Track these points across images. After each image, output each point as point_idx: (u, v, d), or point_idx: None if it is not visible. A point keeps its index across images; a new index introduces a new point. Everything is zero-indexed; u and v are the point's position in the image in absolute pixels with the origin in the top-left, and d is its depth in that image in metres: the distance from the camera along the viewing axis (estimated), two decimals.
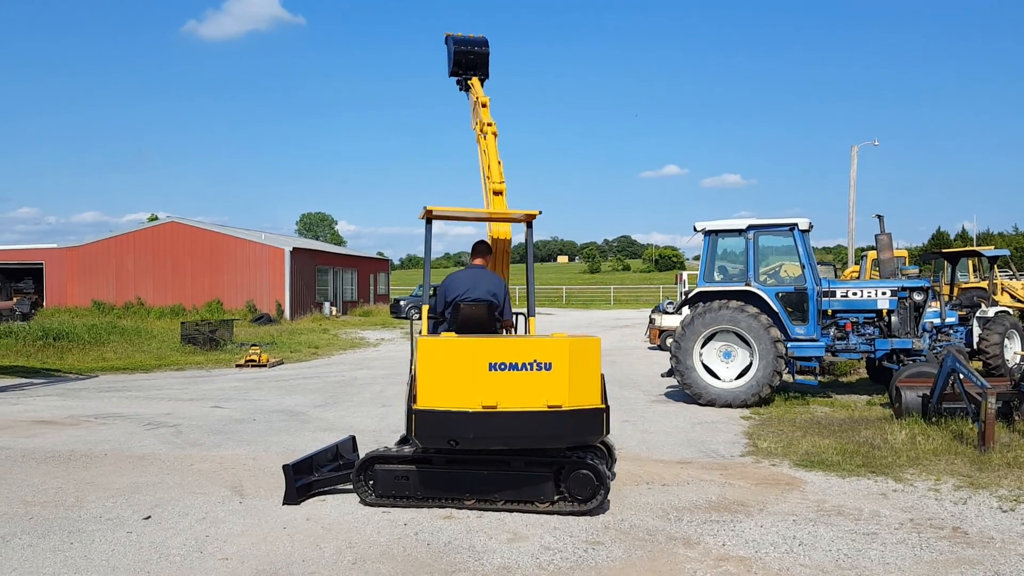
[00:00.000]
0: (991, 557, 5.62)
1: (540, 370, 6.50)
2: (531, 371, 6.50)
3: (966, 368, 9.46)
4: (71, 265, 38.44)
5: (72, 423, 11.39)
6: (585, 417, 6.55)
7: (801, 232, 12.88)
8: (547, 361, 6.51)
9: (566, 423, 6.50)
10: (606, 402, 6.69)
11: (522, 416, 6.48)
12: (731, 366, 12.74)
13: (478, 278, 7.45)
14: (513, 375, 6.50)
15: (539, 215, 7.64)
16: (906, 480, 7.74)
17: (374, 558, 5.72)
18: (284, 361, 20.73)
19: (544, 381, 6.48)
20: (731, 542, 6.00)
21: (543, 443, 6.67)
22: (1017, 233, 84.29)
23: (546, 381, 6.48)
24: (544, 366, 6.50)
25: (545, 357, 6.51)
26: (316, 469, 7.50)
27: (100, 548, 5.96)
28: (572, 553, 5.79)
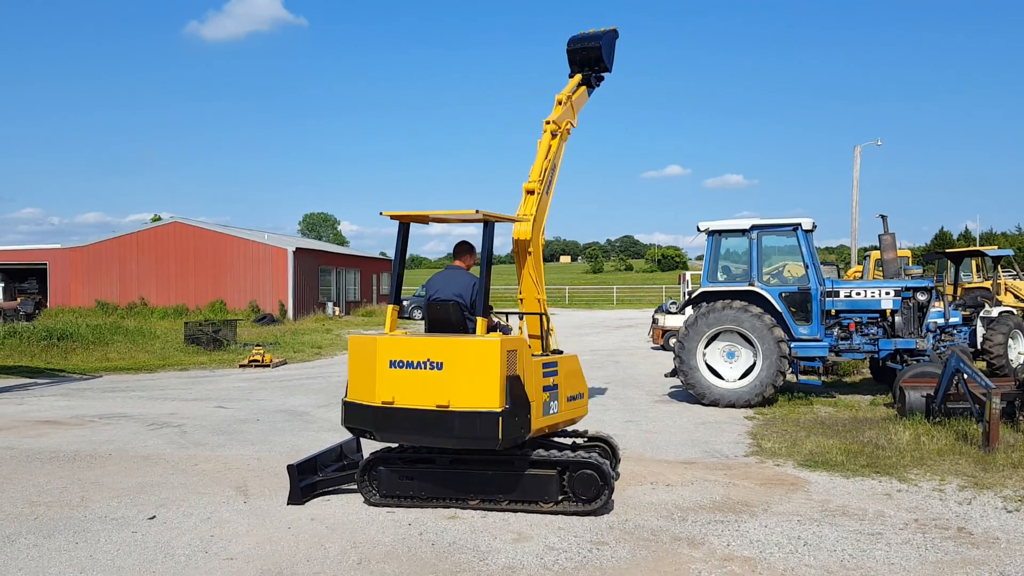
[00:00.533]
0: (996, 557, 5.61)
1: (432, 369, 6.53)
2: (424, 370, 6.56)
3: (970, 368, 9.45)
4: (75, 265, 38.51)
5: (77, 423, 11.41)
6: (474, 419, 6.35)
7: (804, 232, 12.87)
8: (439, 361, 6.53)
9: (453, 424, 6.42)
10: (512, 405, 6.35)
11: (415, 413, 6.55)
12: (735, 366, 12.73)
13: (449, 279, 7.42)
14: (409, 373, 6.60)
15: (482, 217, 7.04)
16: (911, 480, 7.73)
17: (379, 558, 5.72)
18: (287, 361, 20.74)
19: (435, 380, 6.50)
20: (736, 542, 5.99)
21: (435, 442, 6.73)
22: (1020, 233, 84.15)
23: (436, 380, 6.50)
24: (436, 365, 6.53)
25: (437, 356, 6.53)
26: (320, 469, 7.51)
27: (105, 548, 5.97)
28: (576, 553, 5.80)
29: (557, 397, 7.08)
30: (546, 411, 6.90)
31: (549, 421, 6.98)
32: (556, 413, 7.07)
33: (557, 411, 7.08)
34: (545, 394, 6.88)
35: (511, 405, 6.35)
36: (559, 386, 7.11)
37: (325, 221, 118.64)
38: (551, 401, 6.98)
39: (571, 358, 7.58)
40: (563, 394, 7.19)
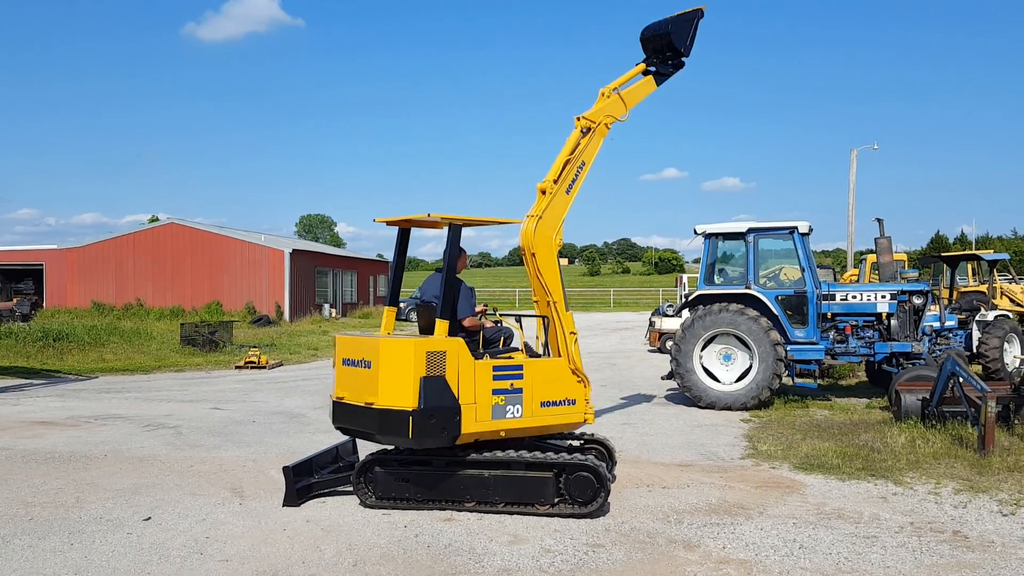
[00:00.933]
0: (991, 561, 5.62)
1: (365, 367, 6.83)
2: (360, 368, 6.88)
3: (966, 372, 9.47)
4: (71, 266, 38.44)
5: (72, 424, 11.39)
6: (390, 417, 6.56)
7: (801, 235, 12.89)
8: (368, 359, 6.80)
9: (376, 420, 6.67)
10: (428, 406, 6.48)
11: (353, 409, 6.90)
12: (731, 369, 12.75)
13: (434, 282, 7.60)
14: (353, 370, 6.98)
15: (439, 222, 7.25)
16: (906, 484, 7.74)
17: (374, 560, 5.72)
18: (283, 363, 20.72)
19: (366, 378, 6.79)
20: (731, 545, 6.00)
21: (369, 438, 7.02)
22: (1016, 237, 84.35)
23: (367, 378, 6.78)
24: (367, 364, 6.81)
25: (367, 356, 6.82)
26: (316, 471, 7.50)
27: (100, 549, 5.96)
28: (572, 556, 5.79)
29: (521, 402, 6.94)
30: (498, 415, 6.84)
31: (504, 425, 6.88)
32: (519, 418, 6.92)
33: (520, 416, 6.93)
34: (497, 397, 6.83)
35: (426, 406, 6.47)
36: (524, 391, 6.95)
37: (322, 223, 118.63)
38: (508, 405, 6.88)
39: (553, 363, 7.36)
40: (533, 399, 7.00)
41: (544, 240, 7.72)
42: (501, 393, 6.87)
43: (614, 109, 9.54)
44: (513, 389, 6.93)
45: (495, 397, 6.84)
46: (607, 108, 9.47)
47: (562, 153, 8.73)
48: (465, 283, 7.67)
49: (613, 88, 9.78)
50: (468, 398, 6.68)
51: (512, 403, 6.92)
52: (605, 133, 9.28)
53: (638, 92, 10.18)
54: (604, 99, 9.61)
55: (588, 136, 9.02)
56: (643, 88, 10.33)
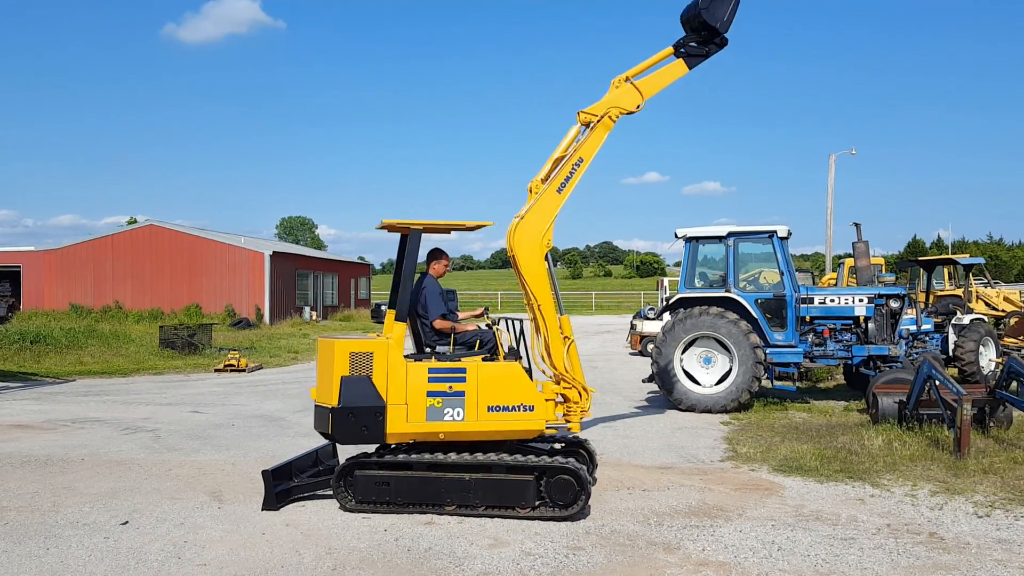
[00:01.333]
0: (967, 563, 5.69)
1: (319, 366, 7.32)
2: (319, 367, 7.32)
3: (942, 375, 9.57)
4: (48, 268, 38.04)
5: (49, 428, 11.27)
6: (319, 414, 7.09)
7: (780, 239, 12.99)
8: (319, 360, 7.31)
9: (316, 418, 7.18)
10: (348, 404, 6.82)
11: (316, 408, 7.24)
12: (711, 372, 12.82)
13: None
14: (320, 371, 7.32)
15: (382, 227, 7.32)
16: (883, 486, 7.81)
17: (354, 564, 5.70)
18: (263, 366, 20.61)
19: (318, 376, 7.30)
20: (710, 547, 6.03)
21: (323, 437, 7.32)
22: (991, 241, 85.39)
23: (318, 376, 7.29)
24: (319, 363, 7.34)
25: (320, 356, 7.29)
26: (296, 475, 7.47)
27: (77, 554, 5.91)
28: (553, 559, 5.81)
29: (463, 405, 6.88)
30: (435, 416, 6.85)
31: (443, 427, 6.87)
32: (460, 421, 6.88)
33: (463, 419, 6.88)
34: (432, 399, 6.87)
35: (345, 404, 6.80)
36: (467, 393, 6.89)
37: (303, 225, 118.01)
38: (447, 408, 6.87)
39: (505, 367, 7.14)
40: (479, 403, 6.90)
41: (526, 241, 7.50)
42: (438, 395, 6.88)
43: (625, 100, 8.66)
44: (454, 392, 6.90)
45: (429, 399, 6.87)
46: (616, 99, 8.64)
47: (556, 149, 8.30)
48: (439, 286, 7.72)
49: (627, 77, 8.92)
50: (399, 399, 6.84)
51: (452, 406, 6.90)
52: (610, 127, 8.46)
53: (661, 78, 9.19)
54: (614, 89, 8.81)
55: (589, 131, 8.38)
56: (670, 73, 9.29)
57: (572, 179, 7.96)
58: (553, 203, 7.79)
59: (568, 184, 7.92)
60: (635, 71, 9.14)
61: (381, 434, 6.85)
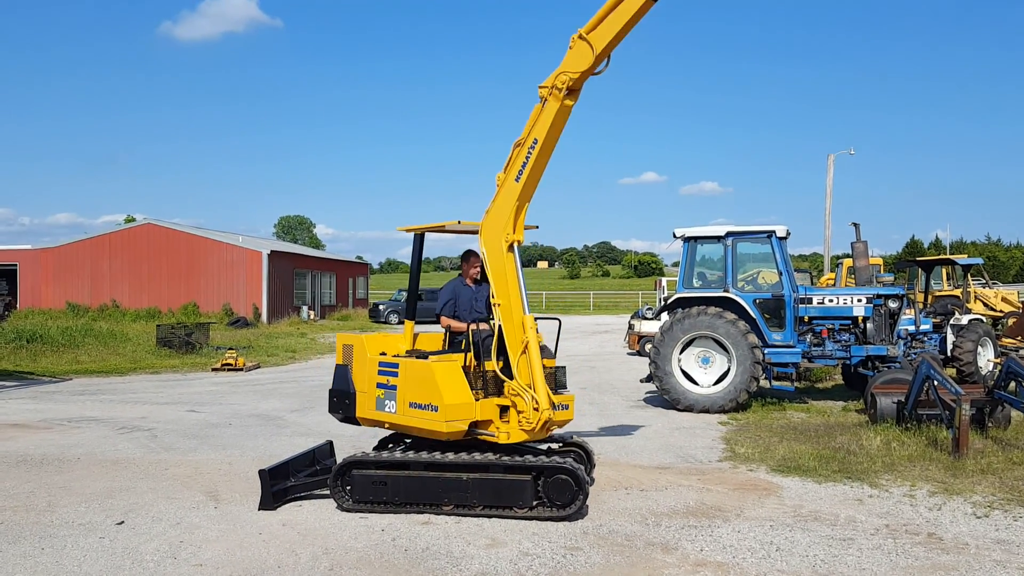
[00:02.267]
0: (966, 563, 5.67)
1: None
2: None
3: (941, 375, 9.55)
4: (45, 266, 37.95)
5: (45, 427, 11.23)
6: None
7: (779, 239, 12.97)
8: None
9: None
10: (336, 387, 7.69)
11: None
12: (709, 372, 12.79)
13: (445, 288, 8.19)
14: None
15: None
16: (882, 486, 7.79)
17: (351, 564, 5.67)
18: (261, 365, 20.56)
19: None
20: (709, 547, 6.01)
21: None
22: (989, 242, 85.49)
23: None
24: None
25: None
26: (293, 474, 7.43)
27: (72, 554, 5.87)
28: (550, 559, 5.78)
29: (395, 398, 7.16)
30: (380, 406, 7.31)
31: (384, 417, 7.30)
32: (393, 413, 7.17)
33: (395, 411, 7.15)
34: (379, 391, 7.34)
35: (335, 387, 7.68)
36: (398, 388, 7.13)
37: (301, 224, 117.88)
38: (386, 400, 7.24)
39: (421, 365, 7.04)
40: (402, 398, 7.06)
41: (490, 236, 6.95)
42: (381, 387, 7.30)
43: (574, 63, 6.89)
44: (389, 385, 7.24)
45: (377, 390, 7.34)
46: (565, 63, 6.94)
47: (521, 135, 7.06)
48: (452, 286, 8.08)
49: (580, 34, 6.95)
50: (361, 387, 7.47)
51: (389, 398, 7.24)
52: (559, 98, 6.86)
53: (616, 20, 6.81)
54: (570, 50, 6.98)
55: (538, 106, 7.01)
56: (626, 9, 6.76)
57: (528, 163, 6.89)
58: (511, 193, 6.95)
59: (525, 171, 6.90)
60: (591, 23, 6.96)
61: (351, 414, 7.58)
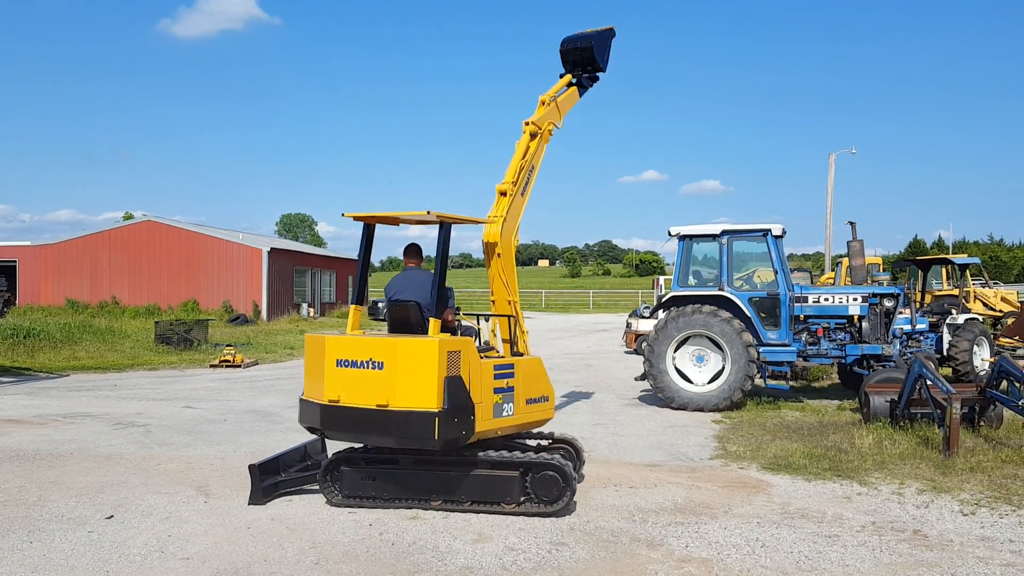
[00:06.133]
0: (949, 560, 5.68)
1: (374, 368, 6.61)
2: (367, 369, 6.62)
3: (932, 374, 9.55)
4: (45, 263, 37.99)
5: (39, 422, 11.27)
6: (411, 419, 6.41)
7: (774, 238, 12.97)
8: (380, 360, 6.60)
9: (392, 423, 6.50)
10: (451, 406, 6.40)
11: (357, 412, 6.64)
12: (704, 370, 12.80)
13: (408, 280, 7.50)
14: (353, 372, 6.70)
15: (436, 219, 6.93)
16: (871, 484, 7.81)
17: (337, 558, 5.70)
18: (259, 362, 20.60)
19: (376, 379, 6.58)
20: (694, 544, 6.03)
21: (376, 441, 6.83)
22: (992, 242, 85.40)
23: (378, 380, 6.57)
24: (377, 365, 6.61)
25: (379, 356, 6.61)
26: (283, 469, 7.46)
27: (60, 547, 5.90)
28: (535, 554, 5.80)
29: (513, 400, 7.03)
30: (498, 413, 6.89)
31: (502, 424, 6.95)
32: (511, 416, 7.03)
33: (513, 414, 7.04)
34: (497, 396, 6.87)
35: (449, 406, 6.38)
36: (515, 389, 7.06)
37: (303, 222, 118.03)
38: (504, 404, 6.94)
39: (532, 361, 7.54)
40: (520, 397, 7.12)
41: (508, 240, 7.94)
42: (499, 392, 6.93)
43: (553, 116, 10.16)
44: (508, 387, 7.01)
45: (495, 396, 6.86)
46: (548, 115, 10.06)
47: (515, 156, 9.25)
48: None
49: (551, 96, 10.40)
50: (480, 397, 6.69)
51: (507, 401, 7.01)
52: (548, 139, 9.87)
53: (569, 102, 10.86)
54: (544, 107, 10.15)
55: (536, 141, 9.57)
56: (571, 98, 11.01)
57: (530, 184, 9.09)
58: (521, 206, 8.70)
59: (527, 188, 9.04)
60: (553, 92, 10.62)
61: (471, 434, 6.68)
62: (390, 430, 6.51)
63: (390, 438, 6.60)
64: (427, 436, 6.36)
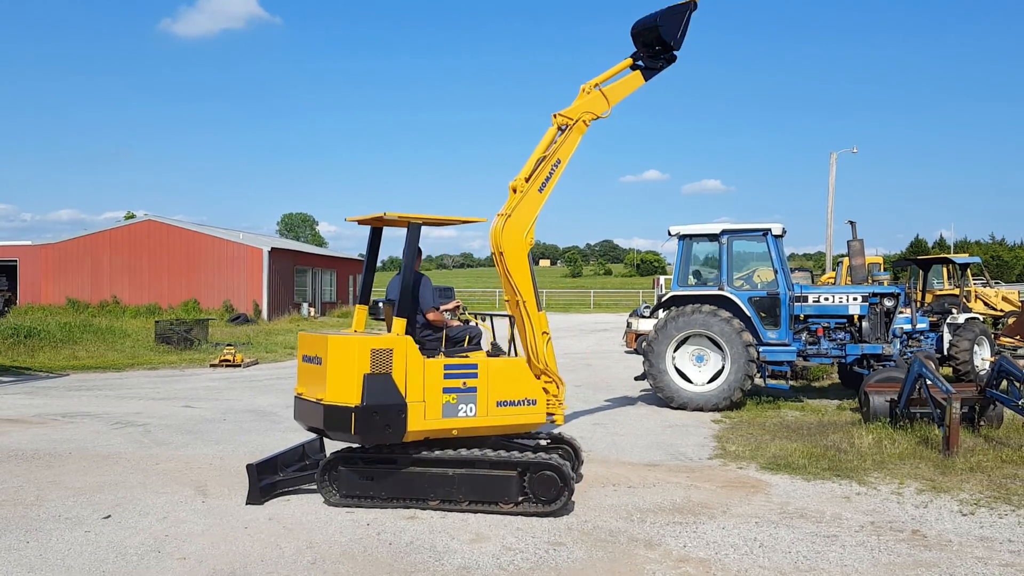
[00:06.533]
0: (947, 560, 5.66)
1: (316, 364, 6.95)
2: (313, 364, 7.02)
3: (932, 373, 9.53)
4: (46, 263, 38.02)
5: (39, 422, 11.26)
6: (336, 413, 6.66)
7: (774, 237, 12.95)
8: (319, 356, 6.91)
9: (326, 416, 6.73)
10: (372, 403, 6.57)
11: (307, 404, 7.03)
12: (703, 370, 12.78)
13: (396, 281, 7.65)
14: (309, 366, 7.14)
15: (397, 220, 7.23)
16: (870, 484, 7.79)
17: (334, 558, 5.69)
18: (259, 361, 20.60)
19: (318, 374, 6.87)
20: (692, 543, 6.01)
21: (320, 433, 7.18)
22: (994, 241, 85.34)
23: (319, 374, 6.87)
24: (317, 360, 6.94)
25: (319, 352, 6.92)
26: (281, 469, 7.46)
27: (56, 547, 5.89)
28: (533, 554, 5.79)
29: (474, 400, 6.95)
30: (450, 413, 6.87)
31: (458, 424, 6.91)
32: (472, 417, 6.95)
33: (475, 415, 6.95)
34: (448, 396, 6.88)
35: (369, 403, 6.55)
36: (479, 389, 6.97)
37: (304, 222, 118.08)
38: (461, 404, 6.91)
39: (509, 362, 7.38)
40: (488, 398, 7.00)
41: (513, 239, 7.66)
42: (452, 391, 6.91)
43: (595, 106, 9.20)
44: (467, 388, 6.96)
45: (445, 395, 6.88)
46: (587, 104, 9.14)
47: (536, 150, 8.44)
48: (427, 278, 7.68)
49: (595, 84, 9.44)
50: (418, 396, 6.77)
51: (465, 401, 6.94)
52: (583, 130, 8.99)
53: (623, 88, 9.79)
54: (584, 95, 9.29)
55: (565, 133, 8.79)
56: (629, 83, 9.91)
57: (551, 179, 8.32)
58: (536, 202, 8.08)
59: (548, 184, 8.28)
60: (602, 78, 9.62)
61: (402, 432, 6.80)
62: (326, 423, 6.77)
63: (327, 431, 6.90)
64: (347, 430, 6.64)
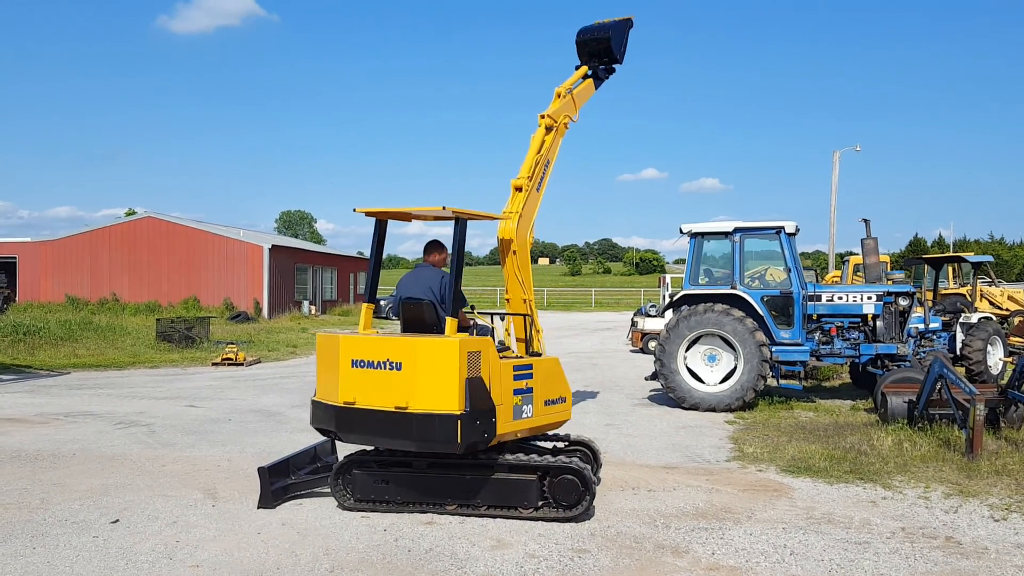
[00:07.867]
0: (987, 568, 5.49)
1: (392, 369, 6.35)
2: (384, 370, 6.38)
3: (954, 374, 9.36)
4: (45, 260, 37.78)
5: (41, 421, 11.06)
6: (432, 422, 6.15)
7: (788, 235, 12.77)
8: (398, 361, 6.34)
9: (412, 426, 6.23)
10: (473, 408, 6.13)
11: (374, 414, 6.38)
12: (716, 370, 12.60)
13: (419, 277, 7.23)
14: (370, 373, 6.44)
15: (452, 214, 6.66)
16: (895, 487, 7.61)
17: (352, 565, 5.50)
18: (261, 360, 20.40)
19: (394, 381, 6.32)
20: (720, 551, 5.83)
21: (394, 444, 6.53)
22: (992, 240, 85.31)
23: (396, 381, 6.31)
24: (395, 366, 6.34)
25: (397, 357, 6.35)
26: (293, 472, 7.26)
27: (64, 553, 5.70)
28: (557, 561, 5.60)
29: (532, 401, 6.79)
30: (517, 415, 6.64)
31: (521, 425, 6.71)
32: (530, 417, 6.79)
33: (532, 415, 6.80)
34: (516, 397, 6.63)
35: (471, 408, 6.14)
36: (534, 389, 6.82)
37: (302, 219, 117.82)
38: (524, 405, 6.70)
39: (550, 361, 7.29)
40: (539, 398, 6.88)
41: (524, 237, 7.63)
42: (519, 393, 6.67)
43: (569, 109, 9.99)
44: (527, 388, 6.75)
45: (515, 397, 6.62)
46: (564, 108, 9.90)
47: (531, 151, 8.91)
48: None
49: (567, 88, 10.19)
50: (500, 399, 6.43)
51: (526, 402, 6.73)
52: (564, 132, 9.66)
53: (584, 94, 10.59)
54: (560, 99, 9.96)
55: (551, 135, 9.38)
56: (587, 91, 10.72)
57: (545, 178, 9.02)
58: (537, 201, 8.60)
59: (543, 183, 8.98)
60: (568, 84, 10.40)
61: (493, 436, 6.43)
62: (410, 433, 6.25)
63: (409, 441, 6.34)
64: (449, 439, 6.10)
